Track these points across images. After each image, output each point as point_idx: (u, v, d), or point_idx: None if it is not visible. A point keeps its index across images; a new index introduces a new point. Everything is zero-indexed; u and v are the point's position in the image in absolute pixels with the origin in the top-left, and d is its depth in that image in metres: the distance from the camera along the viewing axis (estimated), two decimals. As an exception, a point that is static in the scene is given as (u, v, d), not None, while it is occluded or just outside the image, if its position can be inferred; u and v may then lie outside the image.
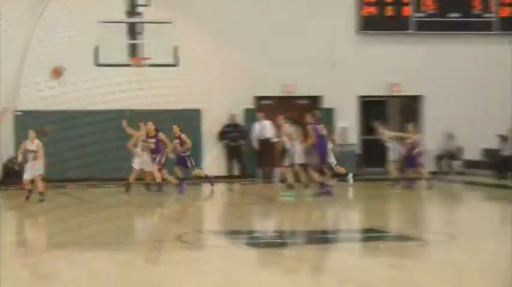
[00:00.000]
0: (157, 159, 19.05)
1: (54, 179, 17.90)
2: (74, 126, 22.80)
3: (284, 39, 24.13)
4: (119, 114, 20.42)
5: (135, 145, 19.34)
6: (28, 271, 10.60)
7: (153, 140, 19.00)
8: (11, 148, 21.12)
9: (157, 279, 9.76)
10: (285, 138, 19.03)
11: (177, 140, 19.45)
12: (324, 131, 18.70)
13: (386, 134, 21.17)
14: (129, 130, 19.33)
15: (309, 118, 18.60)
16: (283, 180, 19.76)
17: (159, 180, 18.84)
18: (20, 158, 17.67)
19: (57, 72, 16.19)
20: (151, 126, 19.11)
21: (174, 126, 19.64)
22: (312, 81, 24.22)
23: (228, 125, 23.90)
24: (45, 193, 17.48)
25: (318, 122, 18.68)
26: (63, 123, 22.61)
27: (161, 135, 19.24)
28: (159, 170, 19.09)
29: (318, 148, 18.51)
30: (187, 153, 19.67)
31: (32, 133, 17.56)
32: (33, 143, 17.43)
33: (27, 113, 22.26)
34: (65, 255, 11.37)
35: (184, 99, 23.40)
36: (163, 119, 21.00)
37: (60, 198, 18.24)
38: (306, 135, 18.67)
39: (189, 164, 19.62)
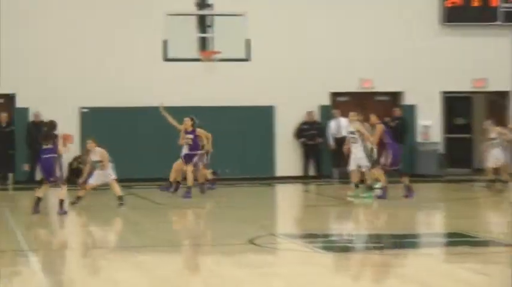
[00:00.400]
0: (194, 160, 18.32)
1: (119, 179, 17.25)
2: (139, 123, 22.38)
3: (360, 31, 23.56)
4: (188, 111, 19.68)
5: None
6: (98, 275, 10.52)
7: (191, 136, 18.33)
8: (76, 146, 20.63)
9: (230, 284, 9.63)
10: (355, 135, 18.05)
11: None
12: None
13: (497, 131, 19.61)
14: (168, 117, 18.54)
15: (373, 119, 18.24)
16: (362, 181, 18.84)
17: (190, 183, 18.01)
18: (87, 169, 17.05)
19: (69, 139, 15.74)
20: (188, 121, 18.44)
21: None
22: (391, 76, 23.45)
23: (305, 123, 23.29)
24: (124, 197, 17.00)
25: (381, 122, 18.54)
26: (127, 119, 22.28)
27: (199, 131, 18.63)
28: (192, 171, 18.24)
29: (391, 149, 17.94)
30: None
31: (91, 143, 16.89)
32: (96, 152, 16.80)
33: (92, 110, 21.90)
34: (134, 258, 11.26)
35: (257, 96, 22.87)
36: (234, 116, 20.34)
37: (128, 199, 17.65)
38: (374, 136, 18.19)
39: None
